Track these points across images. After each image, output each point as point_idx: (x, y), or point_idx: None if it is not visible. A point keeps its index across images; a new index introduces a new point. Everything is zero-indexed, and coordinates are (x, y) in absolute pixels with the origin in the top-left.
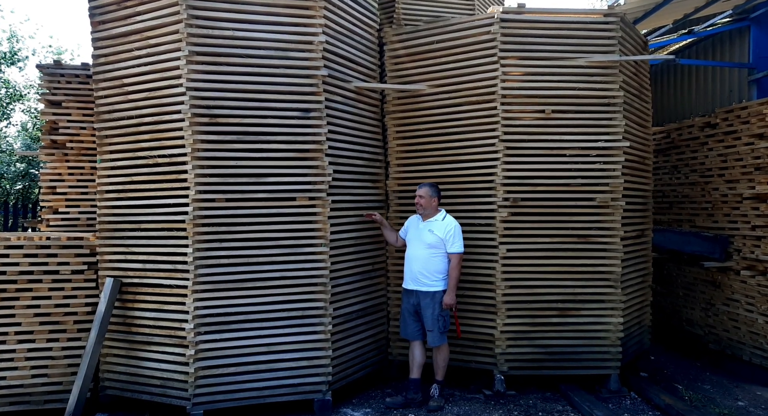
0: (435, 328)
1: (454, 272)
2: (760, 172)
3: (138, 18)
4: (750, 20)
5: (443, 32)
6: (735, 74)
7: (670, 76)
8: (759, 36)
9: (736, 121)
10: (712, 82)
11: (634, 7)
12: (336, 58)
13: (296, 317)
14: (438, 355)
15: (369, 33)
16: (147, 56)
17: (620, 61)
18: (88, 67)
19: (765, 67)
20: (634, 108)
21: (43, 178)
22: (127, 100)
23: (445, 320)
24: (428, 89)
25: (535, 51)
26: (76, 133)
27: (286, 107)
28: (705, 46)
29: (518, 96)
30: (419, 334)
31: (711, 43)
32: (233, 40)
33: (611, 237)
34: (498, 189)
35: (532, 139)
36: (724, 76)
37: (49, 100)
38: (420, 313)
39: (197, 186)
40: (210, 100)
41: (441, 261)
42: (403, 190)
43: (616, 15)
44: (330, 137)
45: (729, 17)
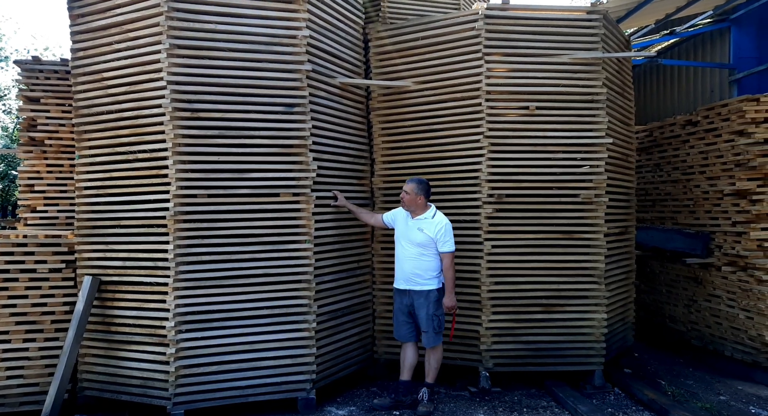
0: (430, 329)
1: (448, 272)
2: (740, 168)
3: (118, 11)
4: (730, 21)
5: (428, 29)
6: (716, 74)
7: (654, 76)
8: (739, 37)
9: (716, 119)
10: (694, 82)
11: (616, 5)
12: (320, 53)
13: (280, 314)
14: (431, 356)
15: (354, 29)
16: (127, 49)
17: (603, 59)
18: (67, 62)
19: (745, 68)
20: (617, 105)
21: (21, 176)
22: (107, 94)
23: (439, 320)
24: (413, 86)
25: (520, 47)
26: (54, 130)
27: (269, 102)
28: (687, 46)
29: (503, 92)
30: (413, 335)
31: (693, 44)
32: (215, 34)
33: (595, 233)
34: (483, 185)
35: (517, 135)
36: (705, 76)
37: (28, 96)
38: (414, 314)
39: (178, 182)
40: (191, 94)
41: (433, 260)
42: (388, 187)
43: (599, 12)
44: (314, 133)
45: (710, 18)
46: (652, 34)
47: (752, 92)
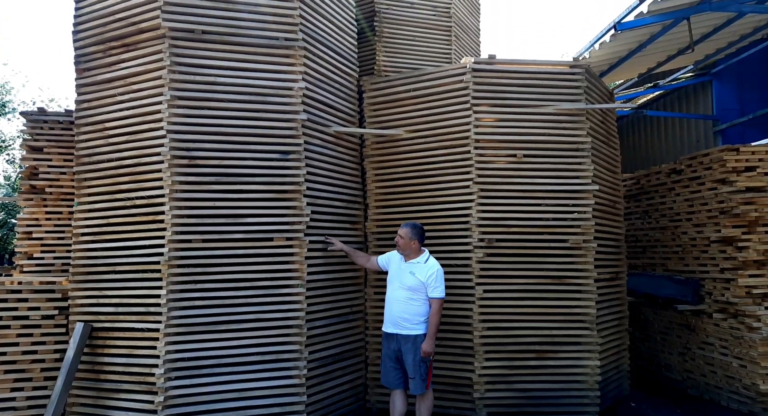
0: (417, 375)
1: (434, 318)
2: (724, 215)
3: (123, 65)
4: (711, 75)
5: (419, 81)
6: (701, 125)
7: (641, 127)
8: (721, 90)
9: (699, 168)
10: (679, 132)
11: (598, 60)
12: (316, 103)
13: (270, 361)
14: (422, 405)
15: (348, 81)
16: (130, 101)
17: (587, 109)
18: (71, 113)
19: (728, 119)
20: (603, 153)
21: (20, 224)
22: (108, 143)
23: (427, 366)
24: (405, 134)
25: (506, 98)
26: (55, 178)
27: (265, 150)
28: (671, 98)
29: (491, 141)
30: (400, 382)
31: (677, 96)
32: (214, 86)
33: (585, 278)
34: (473, 230)
35: (506, 181)
36: (690, 126)
37: (31, 145)
38: (401, 359)
39: (174, 227)
40: (190, 142)
41: (422, 305)
42: (381, 231)
43: (581, 66)
44: (308, 178)
45: (691, 72)
46: (636, 87)
47: (737, 142)
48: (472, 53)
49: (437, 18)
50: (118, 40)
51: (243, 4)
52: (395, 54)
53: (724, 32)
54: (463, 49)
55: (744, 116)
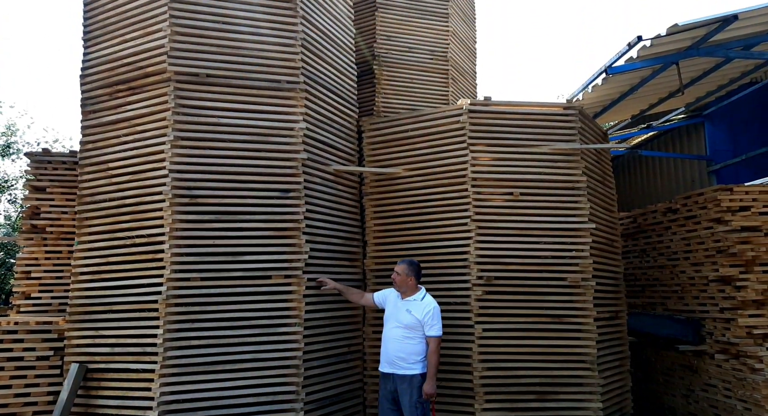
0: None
1: (432, 358)
2: (721, 254)
3: (128, 107)
4: (703, 117)
5: (416, 121)
6: (695, 164)
7: (635, 166)
8: (713, 131)
9: (694, 207)
10: (674, 171)
11: (591, 102)
12: (316, 143)
13: (267, 402)
14: None
15: (348, 121)
16: (133, 142)
17: (582, 149)
18: (75, 154)
19: (722, 159)
20: (599, 192)
21: (19, 263)
22: (111, 182)
23: (424, 407)
24: (403, 172)
25: (502, 138)
26: (57, 217)
27: (265, 188)
28: (665, 138)
29: (488, 179)
30: None
31: (670, 137)
32: (217, 127)
33: (584, 317)
34: (472, 267)
35: (503, 219)
36: (685, 165)
37: (34, 185)
38: (398, 400)
39: (173, 265)
40: (191, 181)
41: (418, 343)
42: (380, 268)
43: (575, 108)
44: (308, 216)
45: (684, 114)
46: (630, 128)
47: (730, 182)
48: (468, 95)
49: (434, 62)
50: (124, 84)
51: (247, 49)
52: (394, 96)
53: (713, 76)
54: (460, 91)
55: (737, 157)
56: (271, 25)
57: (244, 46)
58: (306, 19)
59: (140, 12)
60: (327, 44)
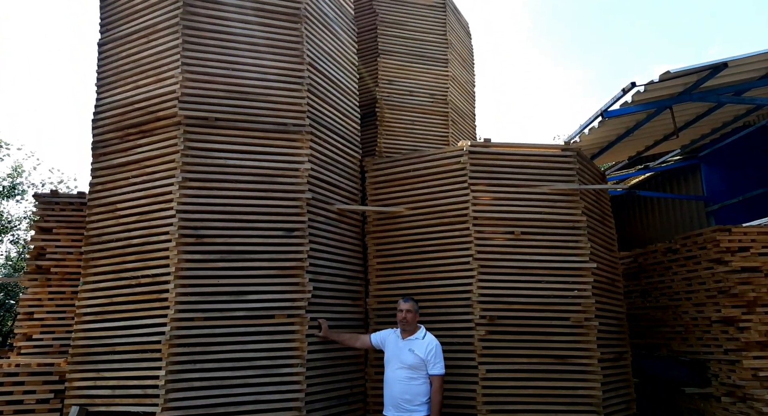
0: None
1: (436, 397)
2: (723, 295)
3: (138, 149)
4: (699, 159)
5: (418, 162)
6: (693, 204)
7: (634, 206)
8: (709, 173)
9: (694, 247)
10: (672, 211)
11: (589, 143)
12: (320, 183)
13: None
14: None
15: (351, 161)
16: (142, 183)
17: (580, 190)
18: (82, 195)
19: (719, 200)
20: (599, 232)
21: (22, 304)
22: (118, 223)
23: None
24: (405, 211)
25: (502, 178)
26: (62, 258)
27: (270, 227)
28: (662, 179)
29: (489, 218)
30: None
31: (667, 177)
32: (225, 168)
33: (589, 358)
34: (475, 306)
35: (505, 258)
36: (683, 205)
37: (41, 226)
38: None
39: (177, 305)
40: (198, 221)
41: (423, 384)
42: (382, 307)
43: (573, 149)
44: (311, 255)
45: (679, 156)
46: (627, 168)
47: (729, 222)
48: (468, 136)
49: (435, 104)
50: (135, 127)
51: (255, 94)
52: (395, 137)
53: (707, 120)
54: (460, 132)
55: (734, 198)
56: (279, 71)
57: (252, 90)
58: (312, 66)
59: (154, 60)
60: (332, 89)
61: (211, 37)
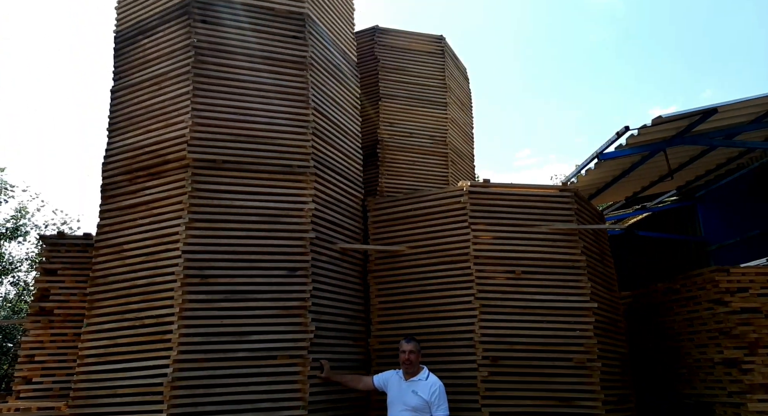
0: None
1: None
2: (724, 336)
3: (146, 191)
4: (695, 199)
5: (419, 201)
6: (692, 244)
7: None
8: (706, 214)
9: (693, 288)
10: (671, 251)
11: (586, 184)
12: (323, 222)
13: None
14: None
15: (354, 201)
16: (149, 224)
17: (579, 229)
18: (90, 237)
19: (717, 241)
20: (599, 272)
21: (23, 347)
22: (124, 264)
23: None
24: (407, 250)
25: (502, 218)
26: (65, 299)
27: (274, 267)
28: (660, 219)
29: (489, 257)
30: None
31: (665, 217)
32: (231, 209)
33: (593, 401)
34: (477, 346)
35: (506, 297)
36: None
37: (46, 268)
38: None
39: (180, 346)
40: (203, 261)
41: None
42: (384, 347)
43: (570, 190)
44: (314, 294)
45: (676, 196)
46: (625, 208)
47: (727, 262)
48: (467, 176)
49: (435, 146)
50: (144, 170)
51: (262, 137)
52: (396, 177)
53: (701, 161)
54: (459, 172)
55: (731, 238)
56: (285, 115)
57: (259, 134)
58: (317, 110)
59: (164, 106)
60: (335, 131)
61: (221, 83)
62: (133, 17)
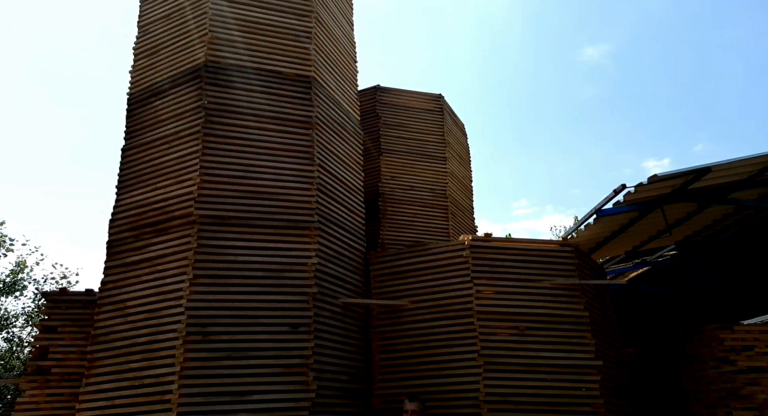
0: None
1: None
2: (733, 397)
3: (152, 248)
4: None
5: (421, 255)
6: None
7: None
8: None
9: (698, 345)
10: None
11: (586, 239)
12: (326, 277)
13: None
14: None
15: (356, 255)
16: (153, 280)
17: (581, 284)
18: (91, 292)
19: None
20: (602, 327)
21: (18, 407)
22: (126, 321)
23: None
24: (409, 305)
25: (504, 272)
26: (63, 357)
27: (276, 323)
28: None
29: (492, 312)
30: None
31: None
32: (235, 264)
33: None
34: (482, 407)
35: (510, 354)
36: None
37: (46, 325)
38: None
39: (180, 407)
40: (206, 318)
41: None
42: (386, 407)
43: (570, 245)
44: (316, 351)
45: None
46: (625, 262)
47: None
48: (467, 229)
49: (435, 198)
50: (150, 227)
51: (268, 193)
52: (397, 229)
53: (698, 217)
54: (459, 225)
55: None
56: (291, 172)
57: (265, 190)
58: (322, 166)
59: (174, 164)
60: (339, 186)
61: (229, 142)
62: (147, 80)
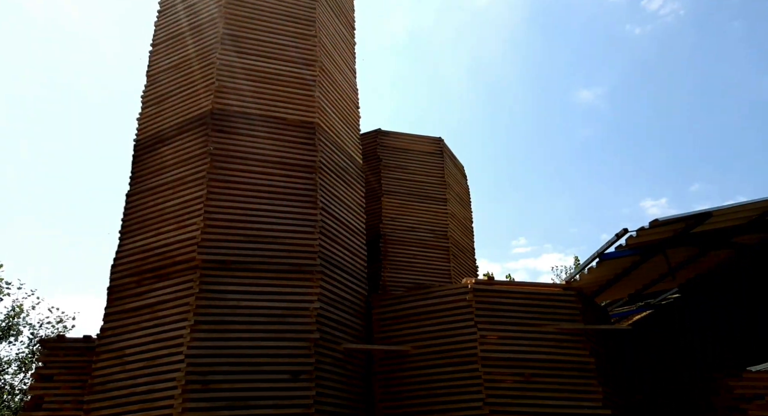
0: None
1: None
2: None
3: (152, 293)
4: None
5: (423, 298)
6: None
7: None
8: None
9: (707, 393)
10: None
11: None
12: (328, 322)
13: None
14: None
15: (358, 299)
16: (153, 327)
17: (586, 329)
18: (89, 339)
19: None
20: (609, 374)
21: None
22: (124, 369)
23: None
24: (412, 350)
25: (508, 316)
26: (59, 407)
27: (277, 370)
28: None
29: (497, 358)
30: None
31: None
32: (236, 310)
33: None
34: None
35: (516, 402)
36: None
37: (42, 374)
38: None
39: None
40: (206, 366)
41: None
42: None
43: (574, 289)
44: (317, 400)
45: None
46: (629, 305)
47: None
48: (468, 270)
49: (436, 239)
50: (152, 272)
51: (271, 237)
52: (399, 270)
53: (701, 260)
54: (461, 266)
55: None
56: (294, 216)
57: (268, 234)
58: (324, 210)
59: (177, 209)
60: (341, 229)
61: (234, 187)
62: (154, 127)
